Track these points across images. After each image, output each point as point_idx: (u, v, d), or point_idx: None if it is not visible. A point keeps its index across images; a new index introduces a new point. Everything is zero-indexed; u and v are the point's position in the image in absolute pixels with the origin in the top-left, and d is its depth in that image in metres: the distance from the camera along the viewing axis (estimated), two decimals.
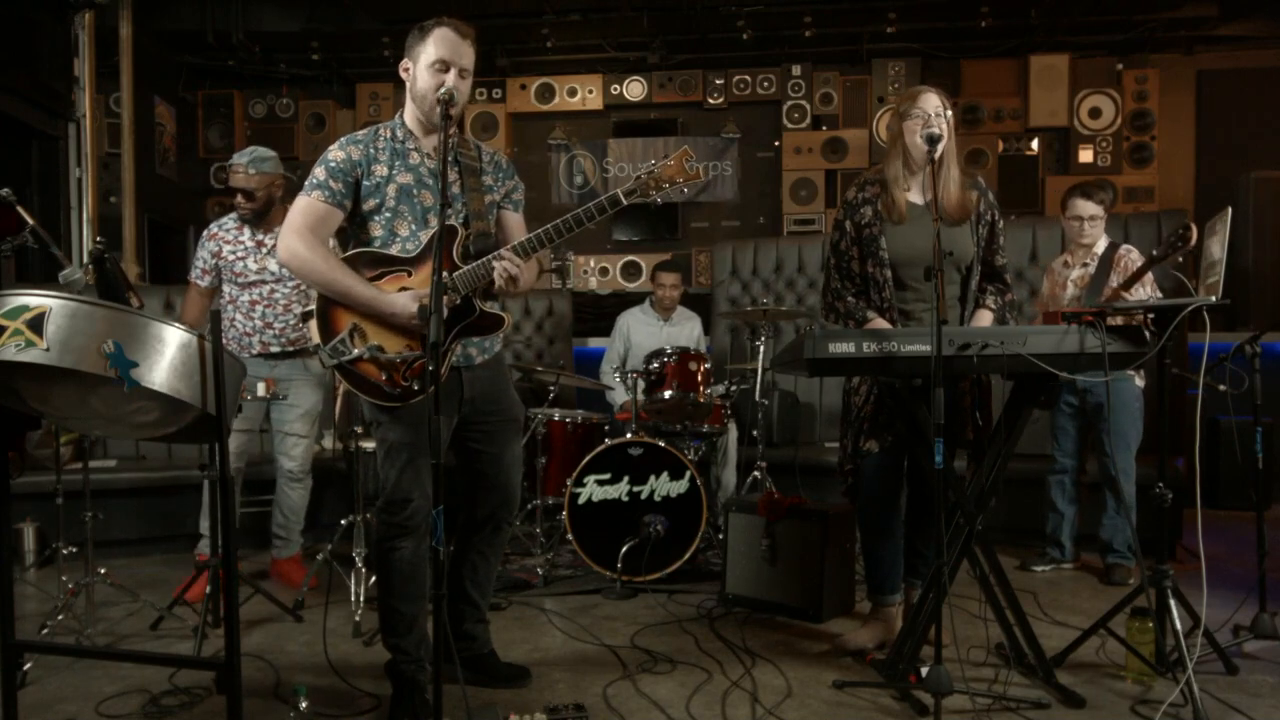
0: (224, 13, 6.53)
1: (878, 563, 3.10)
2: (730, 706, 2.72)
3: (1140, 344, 2.69)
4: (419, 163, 2.58)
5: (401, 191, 2.54)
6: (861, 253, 2.97)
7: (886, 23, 6.51)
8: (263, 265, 3.78)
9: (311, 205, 2.51)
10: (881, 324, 2.90)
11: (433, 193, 2.56)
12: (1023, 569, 4.12)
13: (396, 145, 2.58)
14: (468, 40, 2.51)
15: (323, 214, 2.51)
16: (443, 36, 2.48)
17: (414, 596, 2.65)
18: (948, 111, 2.90)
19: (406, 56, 2.55)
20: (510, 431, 2.81)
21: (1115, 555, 3.98)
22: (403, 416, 2.54)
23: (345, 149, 2.55)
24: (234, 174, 3.75)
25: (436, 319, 2.13)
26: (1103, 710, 2.68)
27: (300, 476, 3.97)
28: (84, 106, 5.59)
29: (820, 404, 5.55)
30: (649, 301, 5.39)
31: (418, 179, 2.57)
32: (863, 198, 2.98)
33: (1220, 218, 2.87)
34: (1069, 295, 3.96)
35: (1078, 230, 3.96)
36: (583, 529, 4.02)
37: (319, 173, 2.52)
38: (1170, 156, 6.69)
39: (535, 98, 7.19)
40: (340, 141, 2.57)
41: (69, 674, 3.02)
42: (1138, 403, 3.91)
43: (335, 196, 2.51)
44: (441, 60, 2.48)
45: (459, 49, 2.49)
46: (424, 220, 2.55)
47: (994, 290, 3.03)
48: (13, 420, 2.22)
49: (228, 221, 3.87)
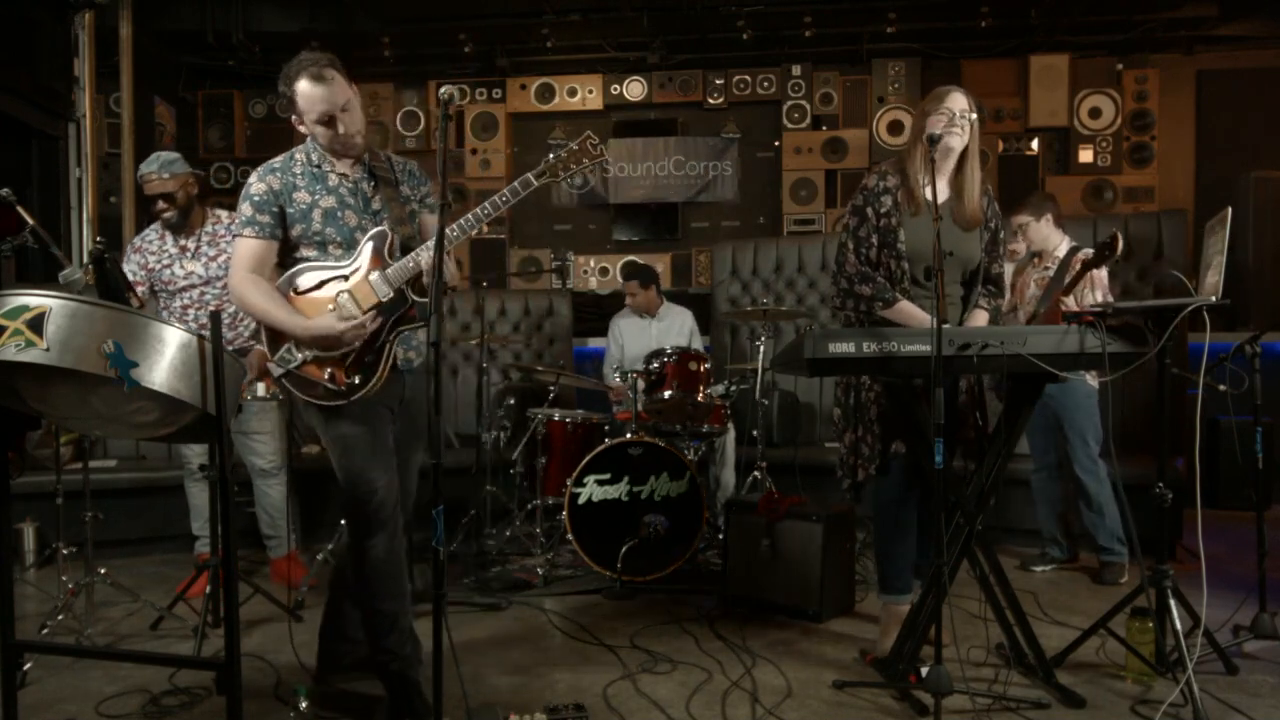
0: (224, 13, 6.52)
1: (893, 561, 3.04)
2: (730, 706, 2.72)
3: (1140, 344, 2.69)
4: (338, 184, 2.64)
5: (326, 216, 2.61)
6: (880, 241, 2.93)
7: (886, 23, 6.50)
8: (189, 270, 3.76)
9: (247, 246, 2.60)
10: (912, 308, 2.85)
11: (355, 212, 2.63)
12: (1023, 569, 4.13)
13: (314, 170, 2.65)
14: (331, 77, 2.55)
15: (259, 250, 2.59)
16: (311, 95, 2.55)
17: (394, 594, 2.64)
18: (973, 114, 2.90)
19: (292, 113, 2.63)
20: (421, 441, 2.82)
21: (1104, 552, 3.99)
22: (349, 412, 2.57)
23: (265, 180, 2.62)
24: (149, 183, 3.69)
25: (436, 319, 2.14)
26: (1103, 710, 2.68)
27: (273, 473, 3.93)
28: (84, 106, 5.59)
29: (820, 404, 5.55)
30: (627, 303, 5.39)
31: (339, 200, 2.63)
32: (883, 186, 2.95)
33: (1220, 218, 2.86)
34: (1030, 294, 4.05)
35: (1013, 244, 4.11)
36: (583, 529, 4.02)
37: (245, 209, 2.60)
38: (1170, 156, 6.68)
39: (535, 98, 7.19)
40: (258, 173, 2.64)
41: (69, 674, 3.02)
42: (1090, 400, 3.96)
43: (265, 230, 2.59)
44: (324, 115, 2.56)
45: (329, 97, 2.55)
46: (351, 239, 2.61)
47: (987, 293, 3.04)
48: (13, 420, 2.22)
49: (149, 234, 3.84)
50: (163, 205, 3.69)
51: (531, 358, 5.87)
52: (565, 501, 4.05)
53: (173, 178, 3.69)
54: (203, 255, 3.77)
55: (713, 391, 4.49)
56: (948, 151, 2.89)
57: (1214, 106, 6.70)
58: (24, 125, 5.28)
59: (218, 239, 3.79)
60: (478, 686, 2.87)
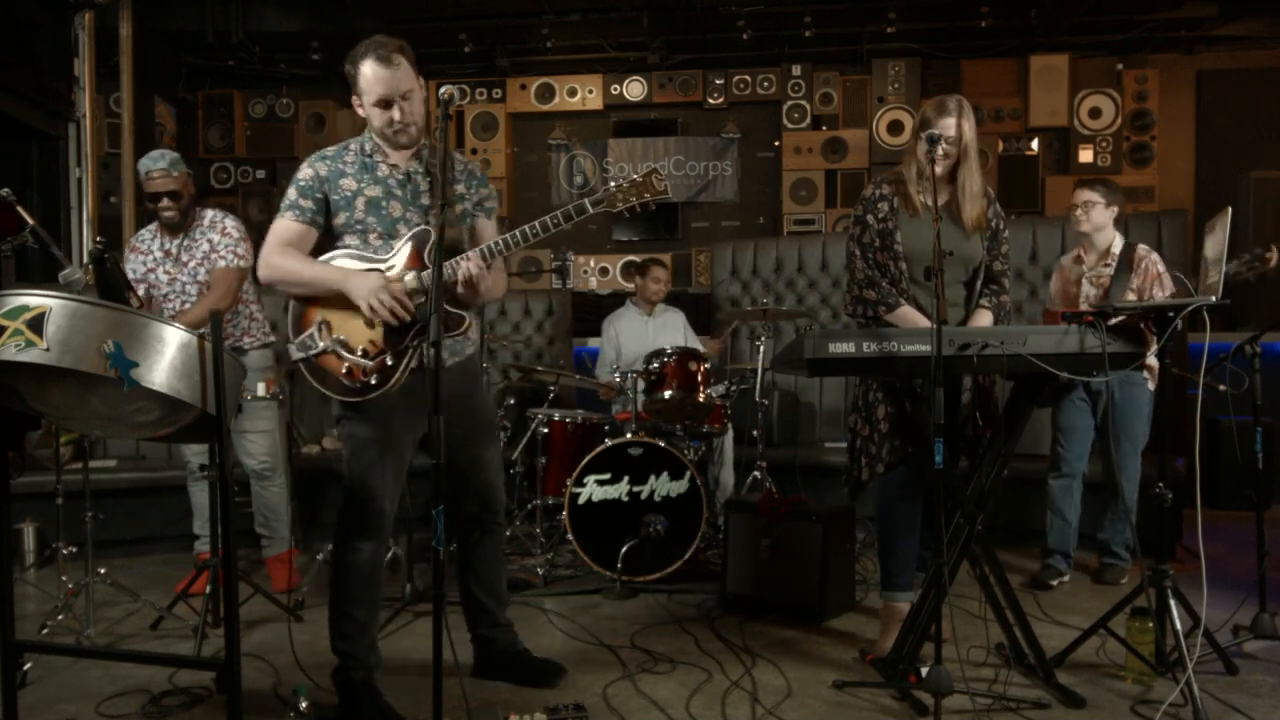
0: (224, 13, 6.53)
1: (896, 559, 3.03)
2: (730, 706, 2.72)
3: (1140, 344, 2.69)
4: (387, 175, 2.61)
5: (370, 204, 2.57)
6: (880, 245, 2.98)
7: (886, 23, 6.50)
8: (173, 276, 3.74)
9: (285, 226, 2.56)
10: (914, 315, 2.89)
11: (401, 204, 2.60)
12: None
13: (365, 159, 2.61)
14: (397, 63, 2.51)
15: (297, 233, 2.56)
16: (372, 76, 2.50)
17: (369, 602, 2.65)
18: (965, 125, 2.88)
19: (353, 92, 2.58)
20: (486, 436, 2.81)
21: (1112, 556, 3.95)
22: (368, 412, 2.55)
23: (313, 166, 2.59)
24: (154, 180, 3.63)
25: (436, 319, 2.14)
26: (1103, 710, 2.68)
27: (268, 474, 3.91)
28: (84, 106, 5.59)
29: (820, 404, 5.55)
30: (628, 301, 5.38)
31: (386, 191, 2.59)
32: (879, 194, 3.00)
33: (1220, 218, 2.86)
34: (1086, 293, 3.88)
35: (1074, 218, 3.91)
36: (583, 529, 4.02)
37: (290, 193, 2.58)
38: (1170, 156, 6.68)
39: (535, 98, 7.19)
40: (309, 159, 2.62)
41: (69, 674, 3.02)
42: (1148, 407, 3.84)
43: (306, 214, 2.56)
44: (382, 99, 2.52)
45: (392, 81, 2.51)
46: (393, 230, 2.57)
47: (989, 292, 3.05)
48: (13, 420, 2.22)
49: (144, 233, 3.81)
50: (167, 203, 3.66)
51: (531, 358, 5.87)
52: (565, 501, 4.05)
53: (179, 174, 3.67)
54: (186, 256, 3.73)
55: (713, 391, 4.49)
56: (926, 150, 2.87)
57: (1214, 106, 6.70)
58: (24, 125, 5.28)
59: (199, 239, 3.73)
60: (478, 686, 2.87)
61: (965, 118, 2.89)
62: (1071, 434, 3.94)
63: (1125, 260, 3.80)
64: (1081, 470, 3.96)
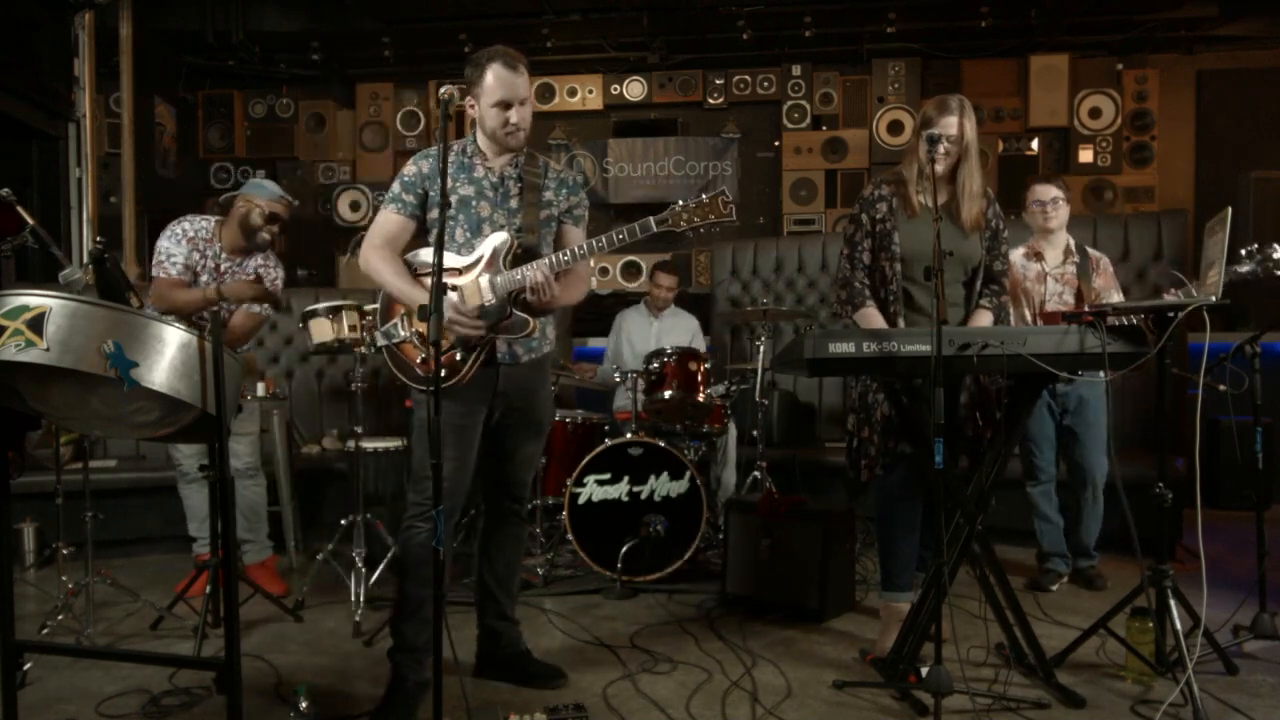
0: (224, 13, 6.53)
1: (896, 559, 3.03)
2: (730, 706, 2.72)
3: (1140, 344, 2.69)
4: (482, 176, 2.74)
5: (462, 202, 2.71)
6: (874, 246, 2.99)
7: (886, 23, 6.50)
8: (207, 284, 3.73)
9: (387, 218, 2.74)
10: (875, 314, 2.93)
11: (490, 205, 2.73)
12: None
13: (465, 160, 2.75)
14: (521, 70, 2.65)
15: (397, 225, 2.73)
16: (498, 77, 2.63)
17: (426, 580, 2.65)
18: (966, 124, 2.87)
19: (469, 93, 2.71)
20: (531, 431, 2.89)
21: (1086, 559, 3.93)
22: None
23: (418, 163, 2.73)
24: (277, 203, 3.70)
25: (436, 319, 2.15)
26: (1103, 710, 2.68)
27: (251, 474, 3.89)
28: (84, 106, 5.59)
29: (820, 404, 5.55)
30: (643, 301, 5.40)
31: (478, 191, 2.73)
32: (878, 194, 3.01)
33: (1220, 218, 2.86)
34: (1052, 290, 3.82)
35: (1041, 215, 3.81)
36: (583, 529, 4.02)
37: (395, 187, 2.74)
38: (1170, 156, 6.68)
39: (535, 98, 7.17)
40: (415, 156, 2.76)
41: (69, 674, 3.02)
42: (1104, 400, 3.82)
43: (407, 208, 2.72)
44: (502, 100, 2.64)
45: (514, 85, 2.64)
46: (478, 228, 2.71)
47: (990, 292, 3.06)
48: (13, 420, 2.22)
49: (202, 227, 3.71)
50: (276, 229, 3.72)
51: None
52: (565, 501, 4.05)
53: (283, 202, 3.74)
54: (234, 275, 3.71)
55: (713, 391, 4.49)
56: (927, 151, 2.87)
57: (1214, 106, 6.70)
58: (24, 125, 5.28)
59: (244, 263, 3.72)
60: (478, 686, 2.87)
61: (967, 117, 2.89)
62: (1044, 442, 3.93)
63: (1087, 258, 3.80)
64: (1054, 474, 3.97)
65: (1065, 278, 3.84)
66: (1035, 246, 3.90)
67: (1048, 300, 3.83)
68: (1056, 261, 3.86)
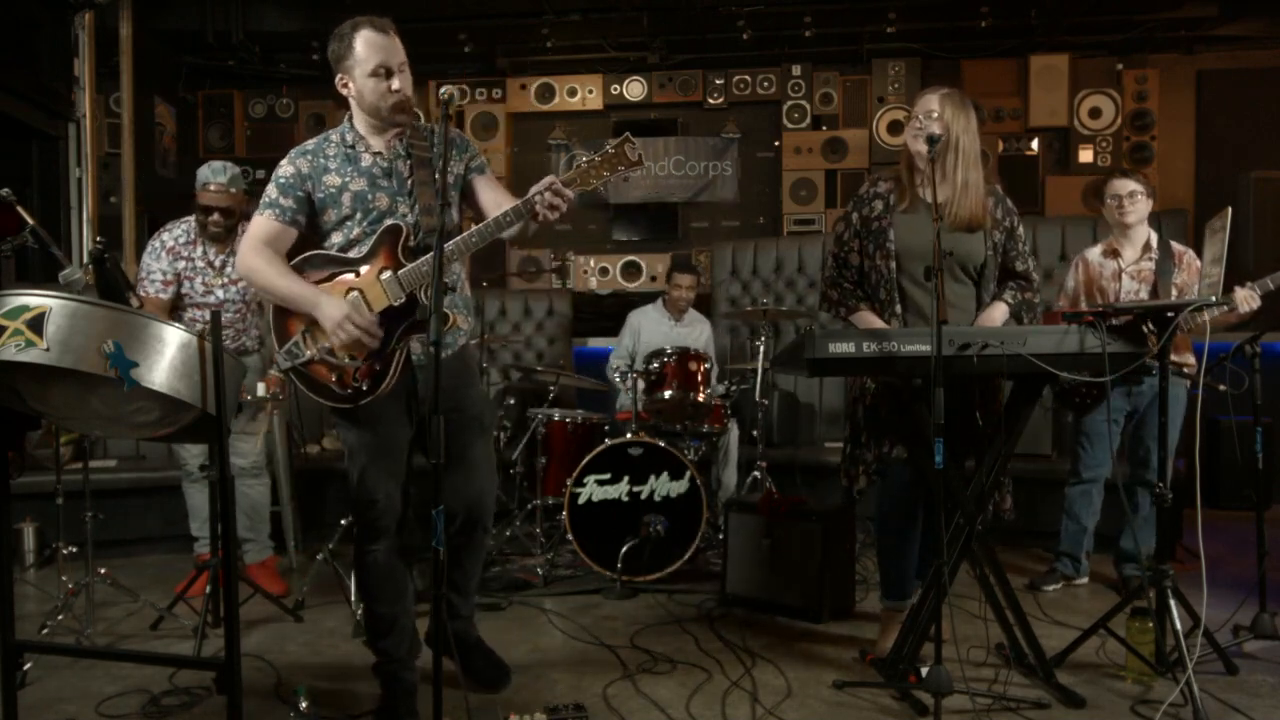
0: (224, 13, 6.52)
1: (897, 565, 3.01)
2: (730, 706, 2.72)
3: (1140, 344, 2.69)
4: (370, 164, 2.53)
5: (356, 199, 2.51)
6: (864, 246, 2.95)
7: (886, 23, 6.50)
8: (210, 287, 3.73)
9: (264, 224, 2.50)
10: (870, 317, 2.89)
11: (388, 195, 2.52)
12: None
13: (347, 151, 2.54)
14: (392, 34, 2.46)
15: (275, 232, 2.50)
16: (370, 42, 2.44)
17: (390, 598, 2.65)
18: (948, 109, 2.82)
19: (338, 70, 2.51)
20: (471, 432, 2.67)
21: (1134, 566, 3.77)
22: (357, 417, 2.53)
23: (294, 163, 2.52)
24: (210, 192, 3.60)
25: (436, 319, 2.13)
26: (1103, 710, 2.68)
27: (255, 472, 3.89)
28: (84, 106, 5.59)
29: (820, 404, 5.55)
30: (661, 301, 5.34)
31: (371, 182, 2.52)
32: (874, 192, 2.98)
33: (1220, 218, 2.86)
34: (1127, 288, 3.70)
35: (1118, 210, 3.68)
36: (583, 529, 4.02)
37: (270, 190, 2.51)
38: (1170, 156, 6.67)
39: (535, 98, 7.19)
40: (290, 154, 2.55)
41: (69, 674, 3.02)
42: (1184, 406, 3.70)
43: (286, 214, 2.50)
44: (380, 66, 2.44)
45: (389, 49, 2.45)
46: (379, 222, 2.50)
47: (1014, 287, 2.96)
48: (13, 420, 2.22)
49: (179, 234, 3.72)
50: (217, 218, 3.63)
51: (532, 358, 5.87)
52: (565, 501, 4.05)
53: (237, 192, 3.65)
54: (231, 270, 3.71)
55: (713, 391, 4.49)
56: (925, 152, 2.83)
57: (1214, 106, 6.69)
58: (24, 125, 5.28)
59: None
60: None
61: (952, 104, 2.82)
62: (1098, 441, 3.78)
63: (1169, 254, 3.67)
64: (1104, 475, 3.81)
65: (1142, 275, 3.70)
66: (1113, 243, 3.79)
67: (1122, 298, 3.68)
68: (1133, 258, 3.73)
